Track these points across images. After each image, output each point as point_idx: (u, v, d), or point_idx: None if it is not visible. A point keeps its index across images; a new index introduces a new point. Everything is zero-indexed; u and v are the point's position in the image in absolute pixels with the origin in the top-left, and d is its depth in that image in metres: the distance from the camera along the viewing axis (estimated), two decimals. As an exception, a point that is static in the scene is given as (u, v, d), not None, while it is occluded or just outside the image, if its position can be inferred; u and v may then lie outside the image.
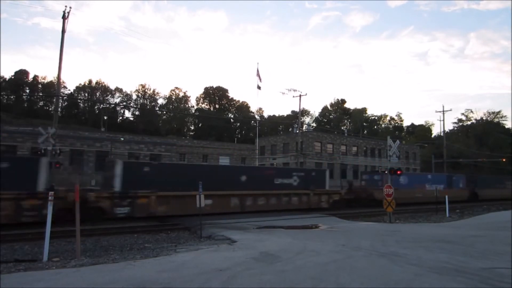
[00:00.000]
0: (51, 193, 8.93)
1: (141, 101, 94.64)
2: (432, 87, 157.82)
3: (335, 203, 23.07)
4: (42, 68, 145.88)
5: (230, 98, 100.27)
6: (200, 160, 52.07)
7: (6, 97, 78.06)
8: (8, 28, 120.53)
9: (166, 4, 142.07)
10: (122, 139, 47.83)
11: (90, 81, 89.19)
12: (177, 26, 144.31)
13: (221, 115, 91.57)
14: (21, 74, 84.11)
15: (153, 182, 16.48)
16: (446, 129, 77.76)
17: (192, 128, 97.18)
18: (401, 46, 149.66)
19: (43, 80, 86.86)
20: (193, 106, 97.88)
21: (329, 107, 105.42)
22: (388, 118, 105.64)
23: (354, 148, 61.77)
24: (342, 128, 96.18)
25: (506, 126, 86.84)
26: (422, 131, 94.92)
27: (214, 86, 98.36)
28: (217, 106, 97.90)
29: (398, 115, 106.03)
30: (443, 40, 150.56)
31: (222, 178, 19.11)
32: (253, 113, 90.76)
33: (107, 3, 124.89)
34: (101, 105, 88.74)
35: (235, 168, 24.79)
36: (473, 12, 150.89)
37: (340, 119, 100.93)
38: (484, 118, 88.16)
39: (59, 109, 47.91)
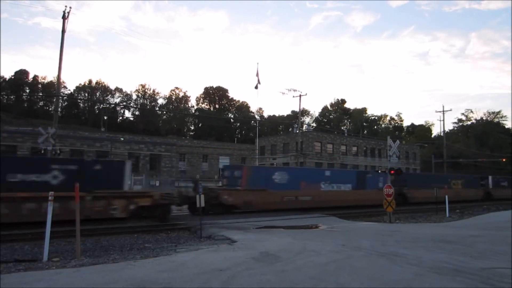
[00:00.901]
0: (51, 193, 8.93)
1: (141, 101, 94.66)
2: (432, 87, 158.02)
3: (141, 211, 15.31)
4: (42, 68, 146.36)
5: (230, 98, 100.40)
6: (200, 160, 51.98)
7: (6, 97, 78.09)
8: (8, 28, 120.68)
9: (167, 4, 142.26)
10: (122, 139, 47.89)
11: (90, 81, 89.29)
12: (178, 26, 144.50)
13: (221, 115, 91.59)
14: (21, 74, 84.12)
15: None
16: (446, 129, 77.88)
17: (192, 128, 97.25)
18: (402, 46, 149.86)
19: (43, 80, 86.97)
20: (193, 106, 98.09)
21: (329, 107, 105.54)
22: (388, 118, 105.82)
23: (354, 148, 61.82)
24: (342, 128, 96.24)
25: (506, 126, 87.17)
26: (422, 131, 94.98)
27: (214, 86, 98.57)
28: (217, 106, 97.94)
29: (398, 115, 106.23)
30: (444, 40, 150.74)
31: None
32: (253, 113, 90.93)
33: (107, 3, 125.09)
34: (101, 105, 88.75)
35: None
36: (474, 12, 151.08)
37: (340, 119, 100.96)
38: (484, 118, 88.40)
39: (59, 109, 47.89)
